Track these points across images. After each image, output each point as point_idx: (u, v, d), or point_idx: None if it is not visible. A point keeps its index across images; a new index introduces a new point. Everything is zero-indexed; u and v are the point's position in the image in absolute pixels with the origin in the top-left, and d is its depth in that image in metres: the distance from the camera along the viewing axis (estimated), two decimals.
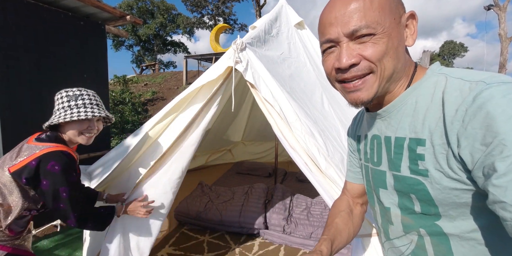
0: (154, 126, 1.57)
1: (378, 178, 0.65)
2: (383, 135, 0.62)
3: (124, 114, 8.64)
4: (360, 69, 0.54)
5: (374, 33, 0.51)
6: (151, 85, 13.28)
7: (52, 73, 2.81)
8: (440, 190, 0.50)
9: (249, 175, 4.04)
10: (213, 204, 2.63)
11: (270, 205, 2.60)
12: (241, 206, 2.56)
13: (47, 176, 1.09)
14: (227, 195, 2.83)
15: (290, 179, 4.02)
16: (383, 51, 0.52)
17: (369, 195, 0.73)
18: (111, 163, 1.85)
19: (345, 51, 0.53)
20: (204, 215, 2.53)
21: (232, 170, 4.27)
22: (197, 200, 2.73)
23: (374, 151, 0.66)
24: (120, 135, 7.64)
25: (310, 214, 2.52)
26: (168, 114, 1.55)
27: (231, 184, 3.64)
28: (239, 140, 5.04)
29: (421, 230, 0.57)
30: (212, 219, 2.52)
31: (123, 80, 10.48)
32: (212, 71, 1.45)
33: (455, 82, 0.49)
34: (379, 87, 0.55)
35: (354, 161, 0.82)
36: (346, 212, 0.81)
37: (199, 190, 2.96)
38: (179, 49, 30.82)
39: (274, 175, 3.47)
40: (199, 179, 3.98)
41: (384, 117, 0.61)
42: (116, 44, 27.90)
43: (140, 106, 10.09)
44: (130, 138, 1.90)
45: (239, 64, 1.36)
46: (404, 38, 0.55)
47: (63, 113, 1.16)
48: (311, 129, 1.34)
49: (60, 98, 1.18)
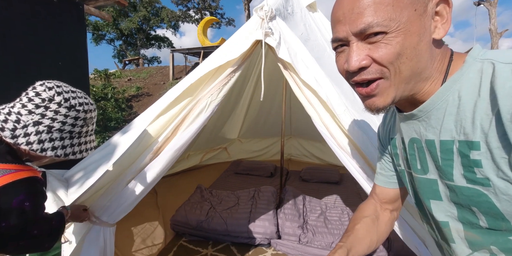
0: (155, 120, 1.20)
1: (427, 188, 0.58)
2: (423, 138, 0.55)
3: (106, 111, 8.04)
4: (370, 73, 0.49)
5: (386, 31, 0.45)
6: (135, 81, 12.60)
7: (20, 58, 2.34)
8: (509, 201, 0.44)
9: (249, 175, 3.72)
10: (216, 212, 2.28)
11: (281, 211, 2.29)
12: (249, 213, 2.23)
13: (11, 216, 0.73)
14: (230, 200, 2.49)
15: (293, 179, 3.73)
16: (396, 53, 0.46)
17: (418, 207, 0.65)
18: (95, 167, 1.47)
19: (354, 52, 0.48)
20: (206, 225, 2.19)
21: (230, 170, 3.92)
22: (197, 207, 2.37)
23: (415, 156, 0.59)
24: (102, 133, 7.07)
25: (327, 220, 2.24)
26: (173, 104, 1.19)
27: (232, 186, 3.30)
28: (235, 137, 4.69)
29: (492, 247, 0.50)
30: (215, 229, 2.18)
31: (104, 74, 9.78)
32: (230, 47, 1.10)
33: (507, 69, 0.42)
34: (396, 92, 0.50)
35: (386, 163, 0.75)
36: (370, 218, 0.75)
37: (198, 195, 2.60)
38: (164, 44, 29.73)
39: (280, 175, 3.16)
40: (195, 181, 3.61)
41: (422, 118, 0.54)
42: (96, 38, 26.47)
43: (124, 102, 9.47)
44: (119, 136, 1.52)
45: (270, 37, 1.02)
46: (430, 30, 0.48)
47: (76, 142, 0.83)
48: (363, 124, 1.04)
49: (74, 111, 0.81)
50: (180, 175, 3.83)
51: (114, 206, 1.18)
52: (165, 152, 1.19)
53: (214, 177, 3.69)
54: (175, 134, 1.19)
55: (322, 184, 3.53)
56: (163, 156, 1.19)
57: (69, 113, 0.79)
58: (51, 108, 0.77)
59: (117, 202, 1.17)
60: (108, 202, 1.18)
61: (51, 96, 0.77)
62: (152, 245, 2.26)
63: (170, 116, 1.18)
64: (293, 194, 2.50)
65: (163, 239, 2.31)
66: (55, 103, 0.77)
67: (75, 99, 0.81)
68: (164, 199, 2.96)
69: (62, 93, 0.79)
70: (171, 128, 1.18)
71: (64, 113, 0.78)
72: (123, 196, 1.18)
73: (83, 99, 0.84)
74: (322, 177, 3.60)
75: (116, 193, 1.19)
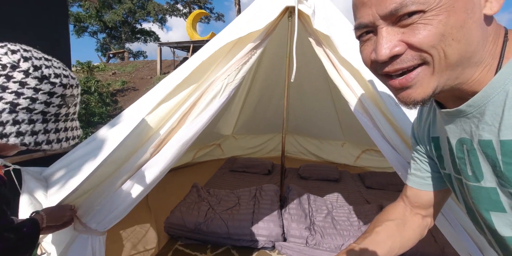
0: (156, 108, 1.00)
1: (484, 198, 0.48)
2: (476, 138, 0.46)
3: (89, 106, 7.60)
4: (405, 61, 0.41)
5: (424, 9, 0.37)
6: (121, 75, 12.07)
7: None
8: None
9: (245, 173, 3.54)
10: (216, 213, 2.09)
11: (286, 211, 2.13)
12: (251, 214, 2.06)
13: None
14: (230, 200, 2.30)
15: (291, 176, 3.59)
16: (439, 34, 0.38)
17: (472, 218, 0.57)
18: (80, 164, 1.25)
19: (384, 38, 0.41)
20: (205, 227, 1.99)
21: (225, 167, 3.73)
22: (194, 207, 2.17)
23: (465, 160, 0.50)
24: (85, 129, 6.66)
25: (335, 220, 2.10)
26: (179, 88, 0.98)
27: (228, 185, 3.11)
28: (229, 134, 4.49)
29: None
30: (215, 232, 1.99)
31: (87, 67, 9.25)
32: (252, 16, 0.90)
33: None
34: (438, 81, 0.42)
35: (421, 163, 0.68)
36: (395, 222, 0.70)
37: (194, 194, 2.39)
38: (150, 39, 28.78)
39: (278, 172, 3.01)
40: (188, 179, 3.39)
41: (472, 114, 0.45)
42: (77, 30, 25.23)
43: (108, 96, 9.01)
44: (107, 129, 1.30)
45: (304, 3, 0.84)
46: (479, 4, 0.39)
47: (52, 127, 0.61)
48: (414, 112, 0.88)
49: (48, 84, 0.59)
50: (171, 173, 3.60)
51: (105, 211, 0.97)
52: (170, 146, 1.00)
53: (208, 175, 3.49)
54: (182, 123, 0.99)
55: (321, 182, 3.41)
56: (167, 150, 0.99)
57: (41, 87, 0.58)
58: (14, 78, 0.55)
59: (109, 207, 0.96)
60: (97, 206, 0.97)
61: (14, 62, 0.55)
62: (144, 250, 2.04)
63: (175, 102, 0.98)
64: (297, 193, 2.35)
65: (156, 243, 2.10)
66: (20, 72, 0.56)
67: (50, 69, 0.60)
68: (156, 199, 2.73)
69: (31, 59, 0.57)
70: (177, 116, 0.98)
71: (34, 86, 0.57)
72: (116, 199, 0.97)
73: (61, 70, 0.63)
74: (321, 174, 3.48)
75: (107, 195, 0.99)
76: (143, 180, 0.98)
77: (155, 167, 0.99)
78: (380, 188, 3.24)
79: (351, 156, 4.23)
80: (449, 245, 1.96)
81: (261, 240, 1.96)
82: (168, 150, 0.99)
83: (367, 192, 3.14)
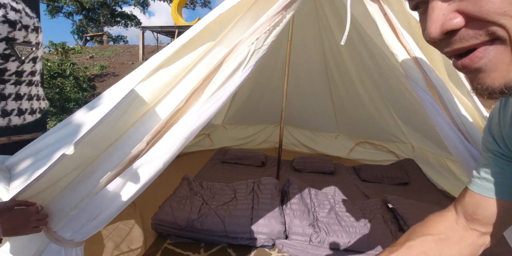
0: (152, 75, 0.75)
1: None
2: None
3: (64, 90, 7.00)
4: (465, 38, 0.31)
5: None
6: (99, 59, 11.29)
7: None
8: None
9: (237, 165, 3.34)
10: (210, 208, 1.88)
11: (288, 206, 1.97)
12: (250, 210, 1.87)
13: None
14: (226, 193, 2.10)
15: (285, 169, 3.44)
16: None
17: None
18: (49, 153, 0.99)
19: (434, 11, 0.32)
20: (199, 224, 1.79)
21: (215, 158, 3.50)
22: (186, 202, 1.95)
23: None
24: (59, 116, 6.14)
25: (339, 216, 1.97)
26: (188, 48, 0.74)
27: (220, 177, 2.90)
28: (219, 123, 4.24)
29: None
30: (210, 230, 1.79)
31: (61, 48, 8.50)
32: None
33: None
34: None
35: (496, 167, 0.54)
36: (436, 237, 0.57)
37: (185, 187, 2.17)
38: (131, 23, 27.17)
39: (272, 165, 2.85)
40: (175, 171, 3.14)
41: None
42: (51, 10, 23.25)
43: (85, 81, 8.36)
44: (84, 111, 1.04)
45: None
46: None
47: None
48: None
49: None
50: None
51: (84, 217, 0.72)
52: (175, 132, 0.76)
53: (197, 167, 3.25)
54: (193, 102, 0.76)
55: (316, 174, 3.29)
56: (170, 138, 0.76)
57: None
58: None
59: (89, 212, 0.72)
60: (73, 211, 0.73)
61: None
62: (129, 250, 1.81)
63: (182, 67, 0.73)
64: (298, 187, 2.19)
65: (143, 242, 1.87)
66: None
67: None
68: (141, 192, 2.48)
69: None
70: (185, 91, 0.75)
71: None
72: (99, 203, 0.73)
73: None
74: (316, 167, 3.36)
75: (88, 197, 0.74)
76: (137, 177, 0.75)
77: (154, 162, 0.77)
78: (375, 181, 3.18)
79: (345, 148, 4.15)
80: None
81: (261, 238, 1.79)
82: (172, 137, 0.76)
83: (363, 185, 3.06)
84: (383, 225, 1.92)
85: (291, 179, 2.27)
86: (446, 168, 2.97)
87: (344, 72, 3.32)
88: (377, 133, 3.75)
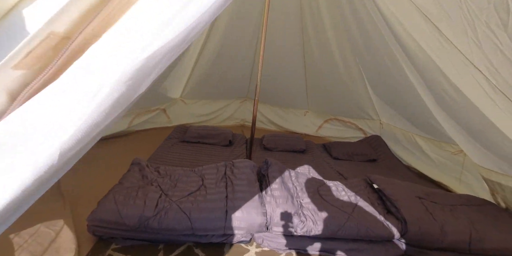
0: None
1: None
2: None
3: None
4: None
5: None
6: None
7: None
8: None
9: (200, 144, 2.88)
10: (172, 201, 1.44)
11: (269, 193, 1.64)
12: (224, 200, 1.49)
13: None
14: (191, 180, 1.66)
15: (255, 148, 3.09)
16: None
17: None
18: None
19: None
20: (157, 223, 1.35)
21: (173, 137, 2.98)
22: (137, 195, 1.47)
23: None
24: None
25: (325, 201, 1.71)
26: None
27: (179, 159, 2.43)
28: (177, 97, 3.63)
29: None
30: (173, 229, 1.37)
31: None
32: None
33: None
34: None
35: None
36: None
37: (135, 174, 1.66)
38: None
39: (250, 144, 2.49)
40: (123, 153, 2.57)
41: None
42: None
43: None
44: None
45: None
46: None
47: None
48: None
49: None
50: (97, 145, 2.68)
51: None
52: (87, 64, 0.31)
53: (151, 148, 2.70)
54: None
55: (287, 153, 3.04)
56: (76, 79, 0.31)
57: None
58: None
59: None
60: None
61: None
62: None
63: None
64: (279, 169, 1.86)
65: (76, 251, 1.37)
66: None
67: None
68: (73, 182, 1.89)
69: None
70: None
71: None
72: None
73: None
74: (287, 145, 3.10)
75: None
76: None
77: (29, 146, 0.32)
78: (346, 159, 3.06)
79: (313, 125, 3.97)
80: (449, 223, 1.84)
81: (238, 233, 1.45)
82: (73, 81, 0.32)
83: (336, 163, 2.91)
84: (371, 207, 1.73)
85: (269, 160, 1.93)
86: (414, 143, 2.96)
87: (324, 42, 2.98)
88: (347, 109, 3.60)
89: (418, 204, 1.75)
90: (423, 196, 1.88)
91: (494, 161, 1.95)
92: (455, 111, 2.02)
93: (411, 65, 2.11)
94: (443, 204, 1.85)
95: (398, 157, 3.18)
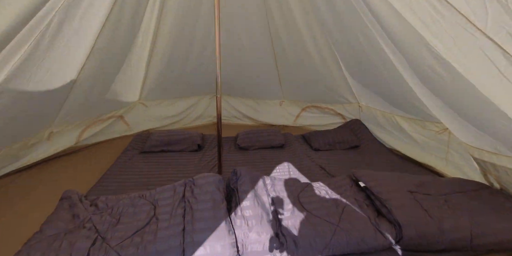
0: None
1: None
2: None
3: None
4: None
5: None
6: None
7: None
8: None
9: (164, 153, 2.52)
10: (109, 248, 1.11)
11: (238, 214, 1.34)
12: (181, 235, 1.17)
13: None
14: (139, 211, 1.32)
15: (229, 148, 2.80)
16: None
17: None
18: None
19: None
20: None
21: (132, 148, 2.59)
22: (62, 245, 1.12)
23: None
24: None
25: (307, 212, 1.45)
26: None
27: (139, 175, 2.07)
28: (135, 100, 3.20)
29: None
30: None
31: None
32: None
33: None
34: None
35: None
36: None
37: (63, 214, 1.29)
38: None
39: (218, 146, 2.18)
40: (69, 179, 2.15)
41: None
42: None
43: None
44: None
45: None
46: None
47: None
48: None
49: None
50: (32, 170, 2.22)
51: None
52: None
53: (104, 166, 2.30)
54: None
55: (265, 150, 2.76)
56: None
57: None
58: None
59: None
60: None
61: None
62: None
63: None
64: (250, 179, 1.55)
65: None
66: None
67: None
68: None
69: None
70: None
71: None
72: None
73: None
74: (263, 142, 2.81)
75: None
76: None
77: None
78: (328, 149, 2.83)
79: (290, 115, 3.69)
80: (446, 218, 1.64)
81: None
82: None
83: (317, 156, 2.67)
84: (359, 212, 1.49)
85: (238, 170, 1.61)
86: (396, 124, 2.76)
87: (292, 25, 2.64)
88: (324, 94, 3.34)
89: (410, 201, 1.53)
90: (415, 189, 1.66)
91: (486, 140, 1.75)
92: (441, 89, 1.79)
93: (387, 39, 1.83)
94: (437, 195, 1.65)
95: (380, 140, 2.99)
